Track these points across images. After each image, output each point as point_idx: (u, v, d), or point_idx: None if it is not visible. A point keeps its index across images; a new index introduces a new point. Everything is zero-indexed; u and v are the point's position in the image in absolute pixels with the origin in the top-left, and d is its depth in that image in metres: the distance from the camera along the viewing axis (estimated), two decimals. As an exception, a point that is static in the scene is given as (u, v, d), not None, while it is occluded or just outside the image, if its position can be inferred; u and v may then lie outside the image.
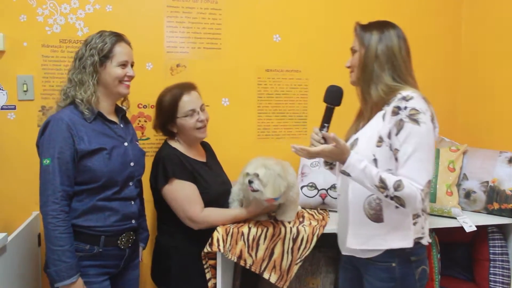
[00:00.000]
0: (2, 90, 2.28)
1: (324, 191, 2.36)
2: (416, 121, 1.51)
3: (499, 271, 2.23)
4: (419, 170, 1.51)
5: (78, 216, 1.75)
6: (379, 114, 1.63)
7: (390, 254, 1.62)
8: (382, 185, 1.52)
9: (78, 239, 1.74)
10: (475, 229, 2.15)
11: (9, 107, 2.30)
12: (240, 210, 2.05)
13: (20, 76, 2.29)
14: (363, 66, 1.67)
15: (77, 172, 1.74)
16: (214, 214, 2.04)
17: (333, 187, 2.35)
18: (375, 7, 2.76)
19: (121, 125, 1.93)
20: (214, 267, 1.98)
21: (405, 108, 1.53)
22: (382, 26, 1.68)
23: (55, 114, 1.78)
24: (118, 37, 1.86)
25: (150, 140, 2.51)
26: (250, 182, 1.87)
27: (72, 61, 1.86)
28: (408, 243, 1.61)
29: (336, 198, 2.31)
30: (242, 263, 1.94)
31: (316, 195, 2.37)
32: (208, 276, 1.98)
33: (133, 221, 1.90)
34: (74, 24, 2.35)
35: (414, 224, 1.63)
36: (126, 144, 1.89)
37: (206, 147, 2.35)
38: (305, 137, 2.74)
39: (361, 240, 1.65)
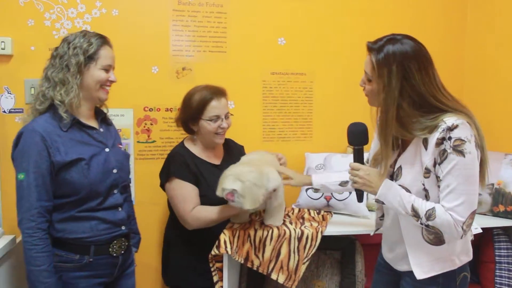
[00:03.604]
0: (10, 93, 2.30)
1: (328, 193, 2.36)
2: (461, 152, 1.41)
3: (504, 273, 2.23)
4: (462, 204, 1.43)
5: (62, 230, 1.65)
6: (419, 140, 1.51)
7: None
8: (415, 214, 1.49)
9: (66, 249, 1.66)
10: (481, 231, 2.14)
11: (17, 110, 2.32)
12: (225, 206, 2.02)
13: (28, 80, 2.31)
14: (385, 110, 1.50)
15: (56, 185, 1.63)
16: (203, 210, 2.04)
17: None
18: (379, 9, 2.78)
19: (101, 129, 1.81)
20: (221, 270, 1.99)
21: (449, 138, 1.42)
22: (399, 53, 1.47)
23: (28, 124, 1.65)
24: (104, 40, 1.76)
25: (156, 143, 2.52)
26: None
27: (48, 58, 1.74)
28: (470, 256, 1.59)
29: (341, 200, 2.33)
30: (249, 264, 1.95)
31: (320, 197, 2.37)
32: (215, 279, 1.98)
33: (123, 228, 1.80)
34: (81, 28, 2.37)
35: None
36: (107, 150, 1.77)
37: (230, 148, 2.32)
38: (310, 140, 2.75)
39: (427, 268, 1.55)
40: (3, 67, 2.28)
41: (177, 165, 2.08)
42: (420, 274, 1.56)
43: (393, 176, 1.60)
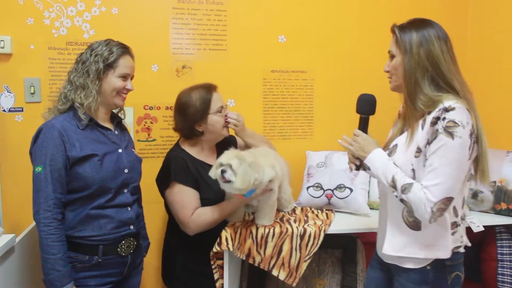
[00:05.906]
0: (9, 92, 2.30)
1: (330, 192, 2.35)
2: (450, 134, 1.44)
3: (507, 271, 2.22)
4: (438, 185, 1.44)
5: (73, 227, 1.71)
6: (419, 122, 1.57)
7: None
8: (393, 185, 1.52)
9: (76, 250, 1.71)
10: (483, 229, 2.14)
11: (17, 109, 2.32)
12: (222, 204, 2.02)
13: (27, 79, 2.31)
14: (407, 76, 1.56)
15: (69, 179, 1.70)
16: (202, 214, 2.00)
17: (338, 187, 2.34)
18: (379, 7, 2.77)
19: (116, 132, 1.89)
20: (222, 267, 1.98)
21: (444, 119, 1.45)
22: (420, 27, 1.57)
23: (47, 121, 1.74)
24: (125, 49, 1.85)
25: (156, 142, 2.52)
26: (223, 171, 1.82)
27: (73, 62, 1.84)
28: (445, 254, 1.56)
29: (342, 198, 2.32)
30: (250, 260, 1.94)
31: (322, 195, 2.36)
32: (216, 276, 1.98)
33: (132, 227, 1.83)
34: (80, 26, 2.37)
35: (453, 234, 1.58)
36: (120, 150, 1.84)
37: (222, 145, 2.26)
38: (311, 138, 2.74)
39: (397, 247, 1.60)
40: (2, 66, 2.28)
41: (178, 169, 2.04)
42: (388, 250, 1.61)
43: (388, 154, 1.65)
